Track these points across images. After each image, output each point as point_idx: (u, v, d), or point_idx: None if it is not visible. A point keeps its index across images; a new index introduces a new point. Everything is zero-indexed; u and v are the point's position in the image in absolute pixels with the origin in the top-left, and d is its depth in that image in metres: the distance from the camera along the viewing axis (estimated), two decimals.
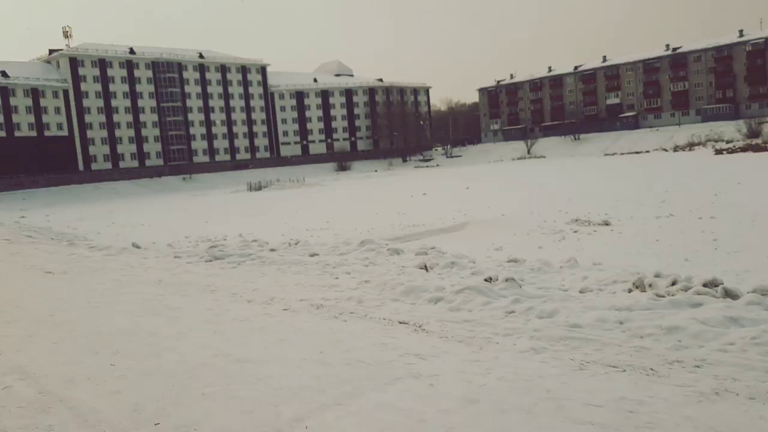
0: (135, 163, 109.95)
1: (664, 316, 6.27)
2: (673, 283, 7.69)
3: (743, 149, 71.84)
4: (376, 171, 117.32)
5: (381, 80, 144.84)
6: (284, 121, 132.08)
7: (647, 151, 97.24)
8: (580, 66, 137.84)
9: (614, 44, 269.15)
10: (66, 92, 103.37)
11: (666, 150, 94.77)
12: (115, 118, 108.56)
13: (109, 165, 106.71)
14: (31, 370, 6.05)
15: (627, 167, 58.96)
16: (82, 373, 5.88)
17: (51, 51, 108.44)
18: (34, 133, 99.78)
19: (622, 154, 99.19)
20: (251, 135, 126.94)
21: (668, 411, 4.25)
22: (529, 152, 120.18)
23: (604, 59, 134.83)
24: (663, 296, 7.20)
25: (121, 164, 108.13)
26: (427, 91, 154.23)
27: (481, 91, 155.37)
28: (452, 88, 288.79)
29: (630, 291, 8.02)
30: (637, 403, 4.40)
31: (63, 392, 5.37)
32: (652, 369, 5.08)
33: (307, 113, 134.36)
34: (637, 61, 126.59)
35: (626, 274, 8.97)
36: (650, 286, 7.87)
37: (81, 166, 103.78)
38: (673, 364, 5.15)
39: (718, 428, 3.96)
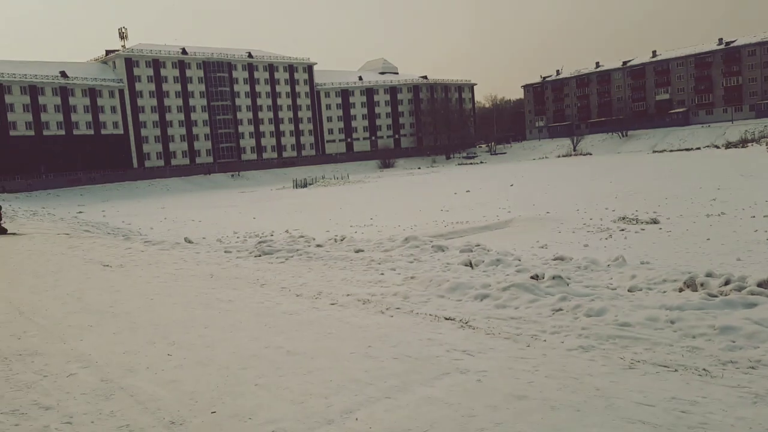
0: (186, 161, 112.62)
1: (717, 316, 6.16)
2: (726, 283, 7.52)
3: None
4: (419, 168, 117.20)
5: (425, 77, 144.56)
6: (329, 119, 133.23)
7: (698, 148, 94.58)
8: (629, 61, 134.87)
9: (664, 39, 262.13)
10: (121, 92, 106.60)
11: (717, 147, 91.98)
12: (168, 116, 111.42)
13: (161, 162, 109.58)
14: (93, 359, 6.32)
15: (676, 165, 57.45)
16: (141, 362, 6.12)
17: (108, 52, 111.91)
18: (91, 132, 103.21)
19: (671, 151, 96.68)
20: (297, 133, 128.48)
21: (722, 412, 4.20)
22: (574, 149, 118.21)
23: (654, 54, 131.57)
24: (716, 296, 7.06)
25: (173, 161, 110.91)
26: (471, 87, 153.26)
27: (526, 87, 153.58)
28: (497, 84, 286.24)
29: (681, 290, 7.88)
30: (690, 404, 4.35)
31: (123, 380, 5.60)
32: (704, 369, 5.01)
33: (352, 111, 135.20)
34: (688, 55, 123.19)
35: (676, 273, 8.79)
36: (702, 285, 7.72)
37: (135, 164, 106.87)
38: (727, 365, 5.07)
39: None
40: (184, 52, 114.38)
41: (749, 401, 4.35)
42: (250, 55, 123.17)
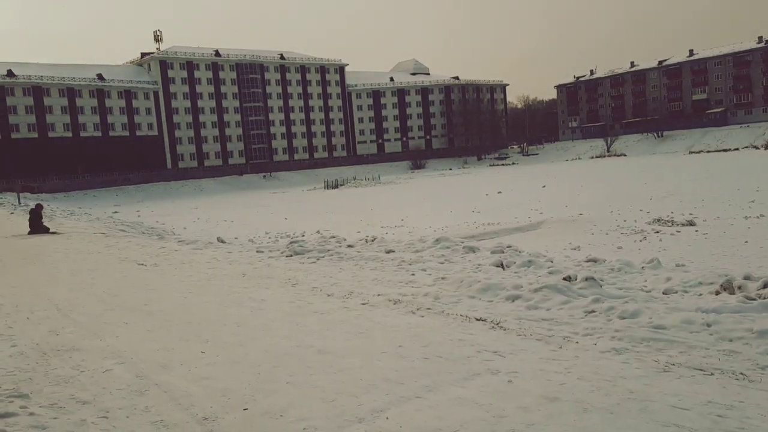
0: (219, 162, 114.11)
1: (755, 320, 6.02)
2: (765, 286, 7.35)
3: None
4: (450, 169, 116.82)
5: (457, 78, 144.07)
6: (361, 120, 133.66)
7: (736, 149, 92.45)
8: (665, 60, 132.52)
9: (701, 37, 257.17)
10: (156, 93, 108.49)
11: (757, 147, 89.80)
12: (201, 118, 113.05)
13: (194, 163, 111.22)
14: (128, 355, 6.44)
15: (714, 165, 56.25)
16: (175, 359, 6.22)
17: (143, 54, 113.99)
18: (126, 133, 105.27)
19: (708, 151, 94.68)
20: (329, 134, 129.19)
21: (760, 417, 4.11)
22: (608, 150, 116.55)
23: (691, 53, 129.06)
24: (754, 299, 6.90)
25: (206, 162, 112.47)
26: (503, 88, 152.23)
27: (559, 87, 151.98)
28: (529, 85, 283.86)
29: (717, 293, 7.72)
30: (727, 408, 4.27)
31: (158, 377, 5.70)
32: (742, 373, 4.91)
33: (383, 112, 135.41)
34: (726, 54, 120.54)
35: (713, 276, 8.62)
36: (739, 288, 7.55)
37: (169, 164, 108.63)
38: (765, 370, 4.96)
39: None
40: (217, 54, 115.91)
41: None
42: (282, 57, 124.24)
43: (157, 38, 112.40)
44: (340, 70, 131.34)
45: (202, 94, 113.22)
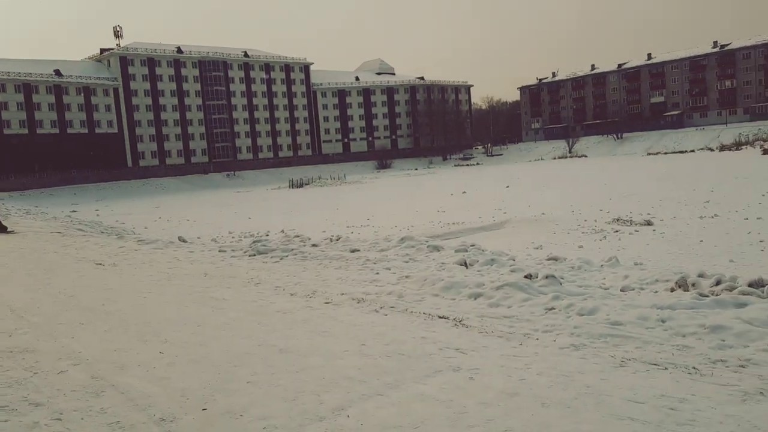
0: (181, 160, 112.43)
1: (707, 316, 6.20)
2: (718, 283, 7.56)
3: None
4: (416, 169, 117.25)
5: (422, 78, 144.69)
6: (326, 119, 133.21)
7: (692, 151, 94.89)
8: (624, 64, 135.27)
9: (659, 42, 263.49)
10: (116, 90, 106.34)
11: (711, 149, 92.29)
12: (163, 115, 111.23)
13: (156, 161, 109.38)
14: (84, 356, 6.30)
15: (670, 167, 57.66)
16: (133, 359, 6.11)
17: (102, 50, 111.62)
18: (85, 131, 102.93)
19: (665, 153, 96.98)
20: (294, 133, 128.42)
21: (710, 409, 4.23)
22: (570, 151, 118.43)
23: (649, 57, 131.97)
24: (707, 296, 7.10)
25: (168, 161, 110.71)
26: (468, 89, 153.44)
27: (523, 89, 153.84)
28: (493, 86, 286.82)
29: (672, 290, 7.92)
30: (679, 401, 4.38)
31: (115, 378, 5.59)
32: (694, 368, 5.04)
33: (349, 111, 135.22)
34: (683, 58, 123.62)
35: (669, 274, 8.84)
36: (693, 285, 7.76)
37: (129, 163, 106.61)
38: (717, 363, 5.10)
39: (762, 427, 3.92)
40: (179, 50, 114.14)
41: (738, 399, 4.38)
42: (246, 55, 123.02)
43: (117, 34, 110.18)
44: (305, 68, 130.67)
45: (163, 92, 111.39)
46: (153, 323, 7.59)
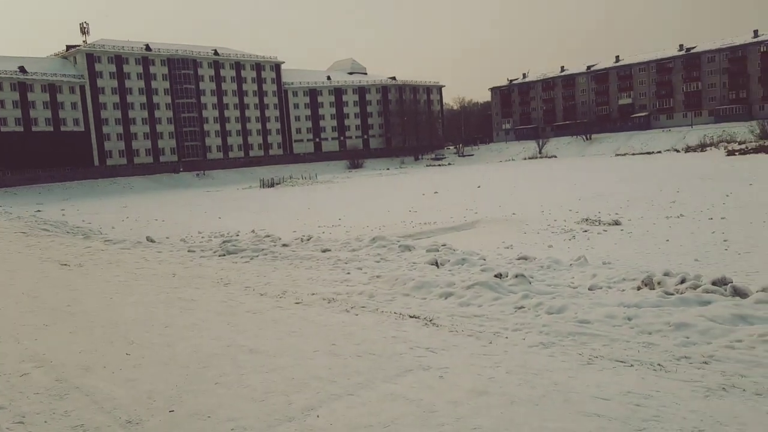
0: (149, 159, 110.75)
1: (672, 313, 6.31)
2: (682, 281, 7.71)
3: (756, 150, 71.14)
4: (388, 169, 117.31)
5: (394, 78, 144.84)
6: (297, 118, 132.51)
7: (659, 152, 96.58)
8: (593, 66, 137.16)
9: (627, 44, 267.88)
10: (82, 88, 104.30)
11: (678, 150, 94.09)
12: (131, 114, 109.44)
13: (124, 160, 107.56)
14: (48, 358, 6.18)
15: (638, 168, 58.64)
16: (98, 361, 6.01)
17: (68, 47, 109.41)
18: (50, 129, 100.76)
19: (633, 154, 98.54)
20: (265, 132, 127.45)
21: (675, 405, 4.30)
22: (540, 152, 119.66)
23: (617, 59, 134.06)
24: (672, 294, 7.23)
25: (136, 160, 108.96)
26: (439, 89, 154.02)
27: (494, 90, 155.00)
28: (465, 86, 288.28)
29: (639, 288, 8.05)
30: (644, 397, 4.45)
31: (79, 380, 5.49)
32: (659, 364, 5.13)
33: (321, 111, 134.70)
34: (650, 61, 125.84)
35: (635, 272, 8.99)
36: (659, 283, 7.90)
37: (96, 162, 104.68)
38: (681, 360, 5.20)
39: (725, 422, 4.00)
40: (147, 48, 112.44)
41: (701, 395, 4.46)
42: (216, 53, 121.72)
43: (84, 30, 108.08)
44: (276, 67, 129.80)
45: (131, 90, 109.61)
46: (119, 324, 7.47)
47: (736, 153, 72.00)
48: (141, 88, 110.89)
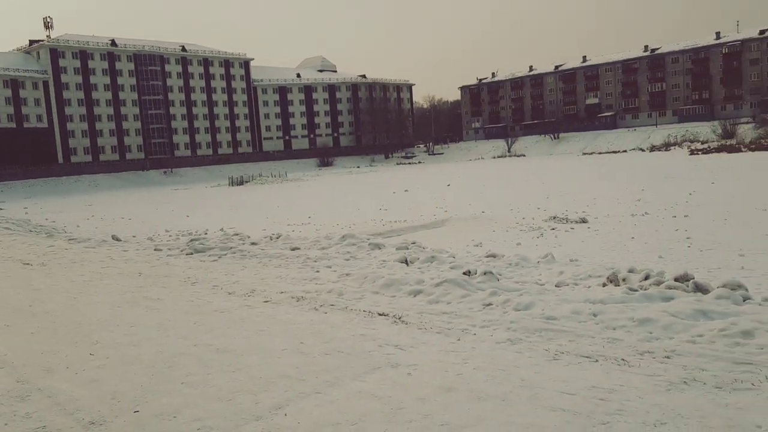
0: (116, 156, 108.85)
1: (636, 309, 6.42)
2: (646, 278, 7.85)
3: (718, 150, 72.92)
4: (358, 167, 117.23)
5: (364, 76, 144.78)
6: (267, 116, 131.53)
7: (624, 151, 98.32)
8: (561, 66, 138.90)
9: (595, 45, 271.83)
10: (46, 83, 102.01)
11: (643, 150, 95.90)
12: (96, 110, 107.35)
13: (89, 158, 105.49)
14: (8, 360, 6.04)
15: (604, 167, 59.59)
16: (61, 362, 5.89)
17: (31, 42, 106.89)
18: (12, 125, 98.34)
19: (600, 153, 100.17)
20: (234, 129, 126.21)
21: (638, 399, 4.38)
22: (509, 151, 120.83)
23: (584, 59, 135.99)
24: (636, 290, 7.36)
25: (102, 157, 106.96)
26: (410, 88, 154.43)
27: (463, 89, 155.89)
28: (435, 85, 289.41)
29: (604, 285, 8.18)
30: (608, 392, 4.52)
31: (41, 381, 5.38)
32: (623, 359, 5.22)
33: (290, 108, 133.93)
34: (616, 61, 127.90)
35: (601, 269, 9.14)
36: (624, 280, 8.04)
37: (60, 159, 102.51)
38: (644, 355, 5.29)
39: (686, 415, 4.09)
40: (113, 43, 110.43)
41: (664, 389, 4.55)
42: (183, 49, 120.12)
43: (47, 25, 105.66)
44: (245, 64, 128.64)
45: (97, 86, 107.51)
46: (83, 324, 7.33)
47: (699, 152, 73.69)
48: (107, 84, 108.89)
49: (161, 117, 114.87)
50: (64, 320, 7.57)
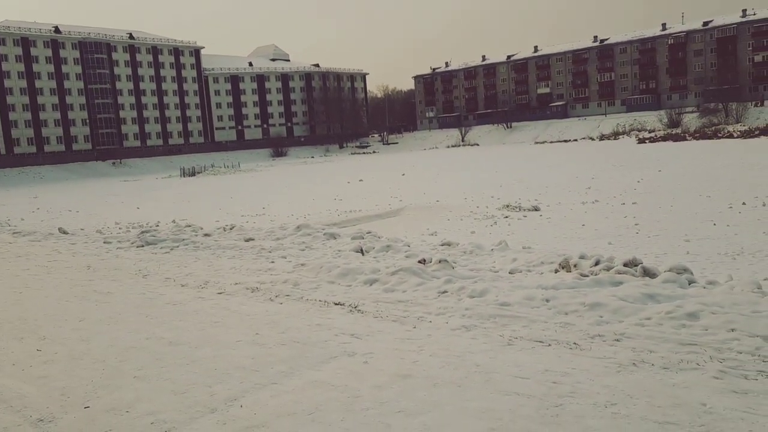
0: (61, 147, 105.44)
1: (587, 294, 6.58)
2: (597, 264, 8.05)
3: (664, 138, 75.16)
4: (312, 157, 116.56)
5: (317, 66, 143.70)
6: (219, 105, 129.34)
7: (575, 140, 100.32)
8: (513, 55, 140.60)
9: (546, 35, 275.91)
10: None
11: (593, 139, 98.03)
12: (40, 99, 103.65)
13: (33, 149, 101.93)
14: None
15: (556, 155, 60.70)
16: (7, 359, 5.71)
17: None
18: None
19: (551, 142, 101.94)
20: (185, 119, 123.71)
21: (589, 381, 4.49)
22: (463, 140, 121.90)
23: (536, 49, 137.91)
24: (587, 276, 7.53)
25: (47, 148, 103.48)
26: (363, 77, 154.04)
27: (417, 78, 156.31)
28: (389, 75, 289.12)
29: (556, 271, 8.34)
30: (561, 375, 4.63)
31: None
32: (575, 343, 5.34)
33: (243, 98, 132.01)
34: (566, 51, 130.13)
35: (553, 256, 9.31)
36: (575, 266, 8.21)
37: (3, 150, 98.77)
38: (595, 338, 5.43)
39: (635, 395, 4.21)
40: (57, 30, 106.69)
41: (614, 370, 4.68)
42: (131, 36, 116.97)
43: None
44: (196, 52, 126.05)
45: (40, 74, 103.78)
46: (30, 320, 7.10)
47: (647, 141, 75.77)
48: (50, 73, 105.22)
49: (109, 107, 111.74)
50: (9, 315, 7.32)
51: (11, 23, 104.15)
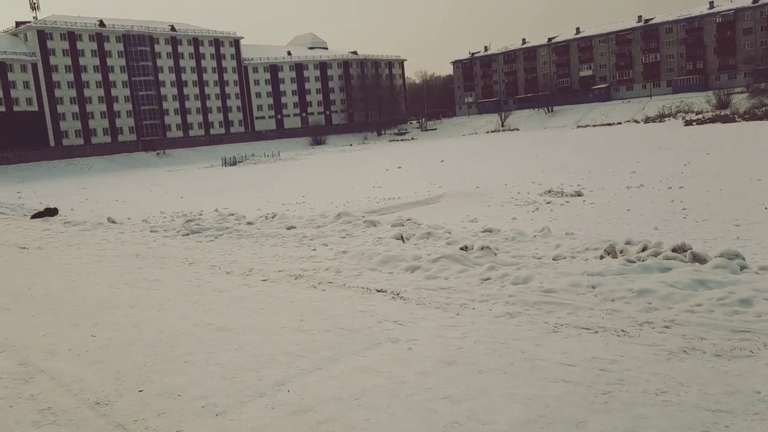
0: (107, 139, 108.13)
1: (634, 280, 6.46)
2: (644, 249, 7.89)
3: (712, 120, 72.92)
4: (350, 145, 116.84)
5: (355, 53, 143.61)
6: (258, 95, 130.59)
7: (619, 123, 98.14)
8: (554, 38, 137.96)
9: (588, 16, 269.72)
10: (35, 66, 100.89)
11: (637, 121, 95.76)
12: (86, 92, 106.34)
13: (81, 140, 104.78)
14: (10, 343, 6.05)
15: (599, 139, 59.51)
16: (63, 344, 5.90)
17: (18, 23, 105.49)
18: (2, 109, 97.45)
19: (594, 126, 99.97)
20: (225, 109, 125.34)
21: (638, 369, 4.42)
22: (503, 125, 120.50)
23: (578, 31, 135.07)
24: (634, 261, 7.39)
25: (93, 140, 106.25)
26: (401, 64, 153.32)
27: (456, 63, 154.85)
28: (427, 60, 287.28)
29: (602, 257, 8.21)
30: (609, 362, 4.56)
31: (44, 363, 5.39)
32: (623, 330, 5.26)
33: (282, 87, 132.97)
34: (609, 32, 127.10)
35: (598, 242, 9.16)
36: (621, 252, 8.07)
37: (52, 142, 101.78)
38: (643, 325, 5.33)
39: (686, 383, 4.13)
40: (101, 24, 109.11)
41: (663, 358, 4.60)
42: (173, 29, 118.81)
43: (34, 6, 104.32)
44: (236, 43, 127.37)
45: (86, 67, 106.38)
46: (83, 307, 7.34)
47: (694, 123, 73.69)
48: (96, 66, 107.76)
49: (152, 98, 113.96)
50: (64, 303, 7.57)
51: (58, 18, 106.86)
